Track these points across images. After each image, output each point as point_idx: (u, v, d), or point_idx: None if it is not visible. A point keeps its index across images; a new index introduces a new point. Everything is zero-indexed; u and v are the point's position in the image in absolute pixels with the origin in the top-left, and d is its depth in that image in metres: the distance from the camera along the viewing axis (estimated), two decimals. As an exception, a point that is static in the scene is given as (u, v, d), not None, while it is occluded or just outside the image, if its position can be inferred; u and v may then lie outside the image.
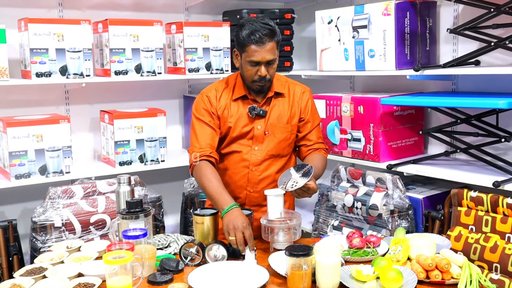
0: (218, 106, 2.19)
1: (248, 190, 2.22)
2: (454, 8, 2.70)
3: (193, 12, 3.41)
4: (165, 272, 1.79)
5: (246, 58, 2.09)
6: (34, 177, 2.64)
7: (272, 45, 2.07)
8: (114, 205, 2.54)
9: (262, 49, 2.05)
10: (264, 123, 2.19)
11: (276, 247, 1.93)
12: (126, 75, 2.86)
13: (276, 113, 2.20)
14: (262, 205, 2.23)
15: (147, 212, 1.93)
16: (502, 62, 2.53)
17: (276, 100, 2.22)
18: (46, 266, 1.86)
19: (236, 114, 2.19)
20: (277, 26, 2.05)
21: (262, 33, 2.04)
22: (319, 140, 2.28)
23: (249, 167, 2.20)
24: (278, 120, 2.20)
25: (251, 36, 2.04)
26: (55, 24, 2.66)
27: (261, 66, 2.08)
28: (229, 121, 2.18)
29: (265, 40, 2.04)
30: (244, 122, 2.18)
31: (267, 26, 2.06)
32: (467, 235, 2.21)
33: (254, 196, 2.23)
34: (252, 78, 2.11)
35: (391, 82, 3.05)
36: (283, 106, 2.22)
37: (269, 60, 2.08)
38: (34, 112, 2.92)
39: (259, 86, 2.14)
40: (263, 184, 2.21)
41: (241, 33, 2.08)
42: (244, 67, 2.12)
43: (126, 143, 2.88)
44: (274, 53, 2.08)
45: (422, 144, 2.92)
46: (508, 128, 2.43)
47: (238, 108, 2.19)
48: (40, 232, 2.47)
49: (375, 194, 2.63)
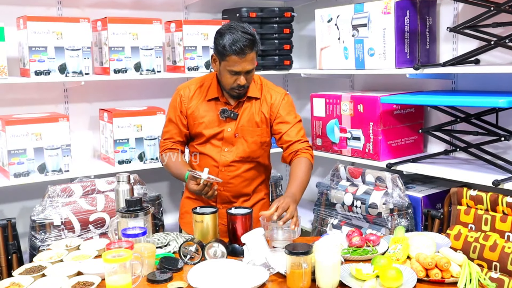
0: (189, 105, 2.24)
1: (219, 189, 2.22)
2: (454, 7, 2.70)
3: (192, 11, 3.40)
4: (164, 270, 1.79)
5: (226, 67, 2.08)
6: (33, 176, 2.64)
7: (252, 55, 2.07)
8: (113, 204, 2.54)
9: (242, 60, 2.04)
10: (234, 126, 2.20)
11: (275, 246, 1.93)
12: (126, 74, 2.86)
13: (247, 116, 2.21)
14: (232, 202, 2.27)
15: (147, 211, 1.92)
16: (502, 61, 2.52)
17: (249, 103, 2.22)
18: (45, 265, 1.86)
19: (207, 115, 2.21)
20: (276, 25, 2.07)
21: (243, 44, 2.02)
22: (298, 137, 2.20)
23: (219, 167, 2.23)
24: (249, 123, 2.21)
25: (232, 47, 2.02)
26: (54, 22, 2.65)
27: (240, 75, 2.08)
28: (199, 121, 2.22)
29: (246, 51, 2.03)
30: (215, 123, 2.21)
31: (248, 36, 2.04)
32: (466, 234, 2.21)
33: (225, 195, 2.26)
34: (230, 86, 2.13)
35: (391, 81, 3.05)
36: (254, 109, 2.22)
37: (249, 70, 2.08)
38: (33, 110, 2.92)
39: (237, 93, 2.16)
40: (233, 183, 2.24)
41: (221, 41, 2.05)
42: (222, 74, 2.12)
43: (125, 141, 2.87)
44: (253, 62, 2.09)
45: (421, 142, 2.91)
46: (507, 126, 2.43)
47: (210, 108, 2.22)
48: (39, 231, 2.47)
49: (375, 192, 2.63)
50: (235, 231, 1.98)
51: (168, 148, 2.29)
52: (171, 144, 2.29)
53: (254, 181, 2.30)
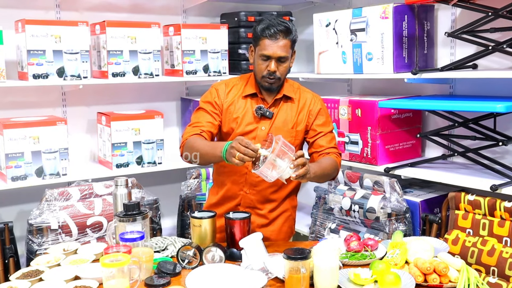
0: (225, 100, 2.20)
1: (244, 191, 2.21)
2: (452, 12, 2.71)
3: (191, 14, 3.40)
4: (162, 275, 1.79)
5: (259, 52, 2.11)
6: (31, 179, 2.63)
7: (285, 43, 2.08)
8: (111, 208, 2.53)
9: (274, 44, 2.07)
10: (269, 125, 2.18)
11: (285, 177, 1.84)
12: (124, 77, 2.86)
13: (282, 116, 2.20)
14: (256, 208, 2.23)
15: (145, 215, 1.92)
16: (499, 66, 2.53)
17: (285, 104, 2.22)
18: (43, 269, 1.85)
19: (242, 111, 2.18)
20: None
21: (277, 28, 2.07)
22: (331, 145, 2.22)
23: (248, 168, 2.19)
24: (284, 124, 2.19)
25: (266, 31, 2.07)
26: (52, 26, 2.65)
27: (271, 61, 2.09)
28: (234, 116, 2.18)
29: (278, 35, 2.07)
30: (249, 121, 2.18)
31: (283, 23, 2.09)
32: (464, 239, 2.21)
33: (250, 198, 2.22)
34: (261, 73, 2.12)
35: (389, 85, 3.05)
36: (291, 110, 2.21)
37: (280, 57, 2.09)
38: (31, 113, 2.91)
39: (268, 82, 2.14)
40: (260, 187, 2.20)
41: (257, 28, 2.12)
42: (256, 62, 2.15)
43: (123, 145, 2.87)
44: (286, 51, 2.09)
45: (419, 147, 2.92)
46: (505, 131, 2.44)
47: (245, 105, 2.19)
48: (37, 235, 2.46)
49: (373, 197, 2.63)
50: (233, 236, 1.97)
51: (197, 134, 2.12)
52: (199, 131, 2.13)
53: (283, 188, 2.24)
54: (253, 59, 2.18)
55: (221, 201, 2.27)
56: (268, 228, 2.26)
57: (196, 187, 3.05)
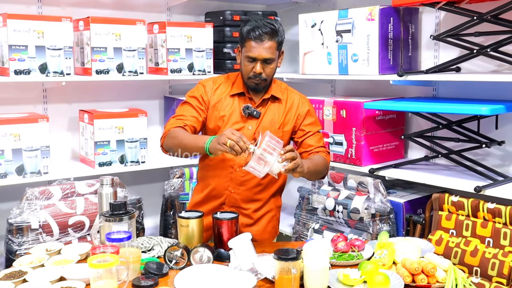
0: (212, 97, 2.19)
1: (229, 190, 2.21)
2: (436, 15, 2.74)
3: (175, 12, 3.37)
4: (149, 276, 1.77)
5: (244, 53, 2.11)
6: (11, 177, 2.57)
7: (271, 44, 2.08)
8: (94, 207, 2.49)
9: (260, 46, 2.06)
10: (256, 125, 2.18)
11: (275, 172, 1.87)
12: (108, 75, 2.81)
13: (269, 116, 2.19)
14: (240, 207, 2.23)
15: (131, 215, 1.89)
16: (482, 69, 2.57)
17: (272, 104, 2.22)
18: (26, 270, 1.81)
19: (229, 110, 2.18)
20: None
21: (263, 30, 2.06)
22: (320, 144, 2.26)
23: (233, 167, 2.19)
24: (271, 124, 2.19)
25: (251, 32, 2.07)
26: (35, 21, 2.59)
27: (257, 62, 2.09)
28: (220, 114, 2.17)
29: (264, 37, 2.06)
30: (236, 120, 2.18)
31: (269, 25, 2.08)
32: (448, 239, 2.24)
33: (235, 197, 2.22)
34: (248, 74, 2.12)
35: (372, 87, 3.08)
36: (278, 111, 2.21)
37: (266, 59, 2.09)
38: (11, 110, 2.84)
39: (254, 83, 2.14)
40: (245, 186, 2.20)
41: (243, 29, 2.11)
42: (242, 63, 2.14)
43: (106, 143, 2.83)
44: (272, 53, 2.09)
45: (402, 148, 2.95)
46: (488, 134, 2.48)
47: (233, 104, 2.19)
48: (16, 234, 2.40)
49: (357, 197, 2.64)
50: (221, 236, 1.96)
51: (180, 127, 2.12)
52: (183, 124, 2.13)
53: (268, 188, 2.25)
54: (239, 60, 2.18)
55: (206, 199, 2.26)
56: (252, 228, 2.25)
57: (179, 187, 3.02)
